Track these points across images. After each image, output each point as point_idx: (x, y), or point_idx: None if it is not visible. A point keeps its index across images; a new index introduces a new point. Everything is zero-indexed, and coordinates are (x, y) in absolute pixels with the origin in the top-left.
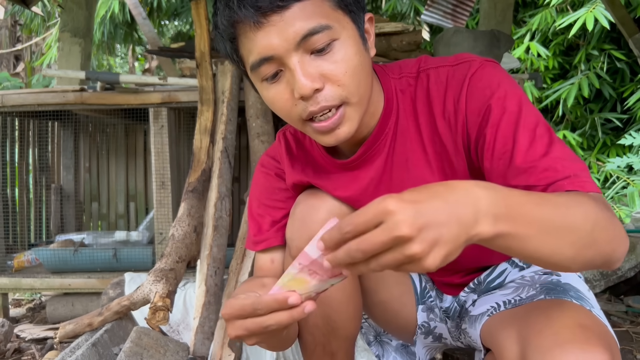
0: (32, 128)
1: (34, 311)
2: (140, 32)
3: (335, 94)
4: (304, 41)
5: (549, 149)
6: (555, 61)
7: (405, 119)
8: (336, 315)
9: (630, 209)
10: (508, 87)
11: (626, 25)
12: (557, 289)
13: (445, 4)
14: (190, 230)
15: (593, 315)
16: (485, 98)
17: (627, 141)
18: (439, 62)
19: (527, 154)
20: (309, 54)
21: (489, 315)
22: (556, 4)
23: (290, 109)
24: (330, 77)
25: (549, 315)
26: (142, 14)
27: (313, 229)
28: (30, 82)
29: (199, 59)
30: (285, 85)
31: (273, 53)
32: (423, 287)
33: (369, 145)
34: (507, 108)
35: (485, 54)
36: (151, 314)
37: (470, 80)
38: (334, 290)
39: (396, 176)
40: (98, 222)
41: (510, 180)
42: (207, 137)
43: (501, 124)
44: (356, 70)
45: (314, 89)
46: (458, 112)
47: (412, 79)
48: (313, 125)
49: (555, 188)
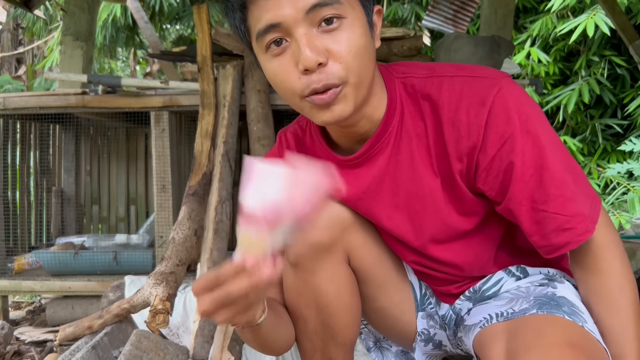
0: (33, 131)
1: (33, 314)
2: (142, 35)
3: (337, 72)
4: (312, 11)
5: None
6: (556, 67)
7: (412, 118)
8: (335, 322)
9: (630, 215)
10: (532, 115)
11: (626, 32)
12: (551, 303)
13: (446, 10)
14: (190, 233)
15: (585, 331)
16: (511, 124)
17: (627, 147)
18: (454, 72)
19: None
20: (315, 27)
21: (481, 327)
22: (557, 10)
23: (293, 83)
24: (334, 54)
25: (540, 331)
26: (144, 18)
27: (312, 235)
28: (32, 85)
29: (201, 63)
30: (289, 57)
31: (281, 20)
32: (423, 294)
33: (372, 143)
34: (534, 143)
35: (485, 60)
36: (151, 317)
37: (495, 99)
38: (334, 296)
39: (400, 175)
40: (98, 225)
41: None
42: (208, 141)
43: (526, 156)
44: (360, 52)
45: (318, 62)
46: (472, 125)
47: (420, 81)
48: (308, 99)
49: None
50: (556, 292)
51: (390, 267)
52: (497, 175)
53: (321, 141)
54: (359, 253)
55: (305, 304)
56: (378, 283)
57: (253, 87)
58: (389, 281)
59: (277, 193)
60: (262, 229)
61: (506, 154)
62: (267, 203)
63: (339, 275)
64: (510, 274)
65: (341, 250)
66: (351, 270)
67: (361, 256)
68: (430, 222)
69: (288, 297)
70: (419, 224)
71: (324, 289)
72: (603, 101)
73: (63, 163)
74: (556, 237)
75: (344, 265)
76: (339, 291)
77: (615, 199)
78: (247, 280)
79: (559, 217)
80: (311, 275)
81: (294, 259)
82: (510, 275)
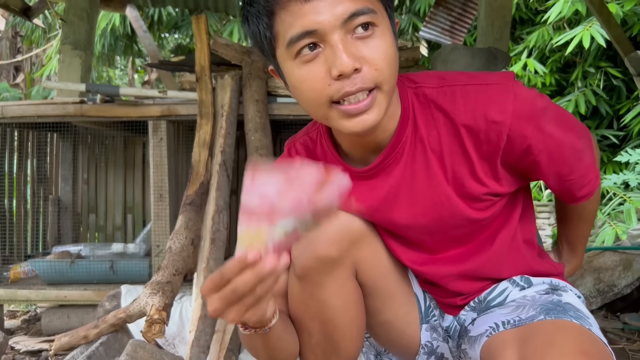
0: (31, 139)
1: (29, 323)
2: (140, 44)
3: (372, 76)
4: (349, 20)
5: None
6: (552, 78)
7: (425, 127)
8: (339, 336)
9: (627, 226)
10: (543, 108)
11: (622, 44)
12: (557, 309)
13: (443, 21)
14: (187, 243)
15: (594, 337)
16: (530, 125)
17: (623, 158)
18: (466, 80)
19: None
20: (350, 34)
21: (487, 335)
22: (553, 21)
23: (322, 89)
24: (369, 60)
25: (552, 339)
26: (142, 27)
27: (321, 248)
28: (30, 93)
29: (199, 72)
30: (321, 63)
31: (318, 27)
32: (427, 306)
33: (387, 153)
34: (552, 134)
35: (482, 71)
36: (147, 326)
37: (512, 105)
38: (340, 310)
39: (417, 184)
40: (95, 234)
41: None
42: (205, 150)
43: (549, 148)
44: (392, 59)
45: (354, 68)
46: (491, 131)
47: (432, 90)
48: (340, 108)
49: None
50: (561, 300)
51: (396, 279)
52: (524, 167)
53: (333, 153)
54: (367, 266)
55: (310, 316)
56: (384, 296)
57: (251, 97)
58: (395, 294)
59: (277, 186)
60: (262, 223)
61: (530, 152)
62: (266, 195)
63: (346, 289)
64: (514, 284)
65: (349, 263)
66: (358, 284)
67: (369, 269)
68: (449, 227)
69: (293, 309)
70: (437, 230)
71: (331, 303)
72: (599, 112)
73: (60, 171)
74: (578, 192)
75: (351, 278)
76: (345, 305)
77: (612, 210)
78: (251, 273)
79: (580, 178)
80: (318, 288)
81: (301, 272)
82: (514, 285)
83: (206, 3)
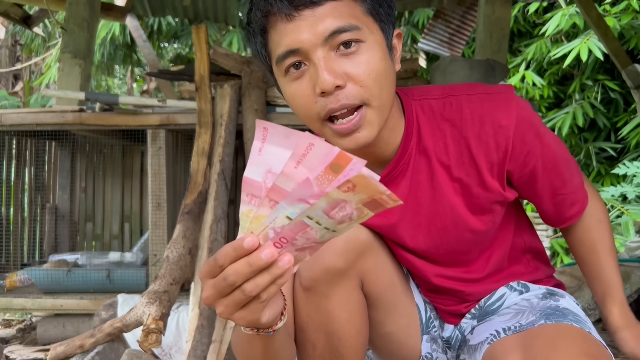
0: (29, 147)
1: (24, 332)
2: (139, 53)
3: (357, 93)
4: (331, 37)
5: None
6: (550, 90)
7: (431, 138)
8: (344, 348)
9: (624, 238)
10: (538, 120)
11: (619, 57)
12: (556, 314)
13: (442, 33)
14: (185, 252)
15: (596, 341)
16: (530, 133)
17: (621, 170)
18: (469, 90)
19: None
20: (334, 51)
21: (489, 342)
22: (551, 34)
23: (310, 106)
24: (353, 77)
25: (555, 343)
26: (142, 36)
27: (329, 259)
28: (28, 101)
29: (198, 82)
30: (307, 81)
31: (300, 46)
32: (428, 317)
33: (393, 166)
34: (547, 145)
35: (480, 83)
36: (143, 336)
37: (516, 112)
38: (345, 322)
39: (421, 195)
40: (92, 243)
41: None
42: (204, 160)
43: (545, 157)
44: (380, 75)
45: (335, 85)
46: (499, 136)
47: (437, 101)
48: (332, 127)
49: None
50: (560, 305)
51: (400, 290)
52: (522, 177)
53: None
54: (373, 277)
55: (315, 328)
56: (388, 307)
57: (250, 107)
58: (398, 305)
59: (283, 161)
60: (263, 205)
61: (530, 159)
62: (272, 171)
63: (352, 301)
64: (512, 289)
65: (356, 274)
66: (363, 295)
67: (375, 280)
68: (452, 235)
69: (297, 320)
70: (440, 238)
71: (336, 314)
72: (597, 125)
73: (58, 180)
74: (568, 210)
75: (357, 290)
76: (350, 317)
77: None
78: (244, 262)
79: (571, 194)
80: (324, 299)
81: (307, 283)
82: (512, 290)
83: (206, 13)
